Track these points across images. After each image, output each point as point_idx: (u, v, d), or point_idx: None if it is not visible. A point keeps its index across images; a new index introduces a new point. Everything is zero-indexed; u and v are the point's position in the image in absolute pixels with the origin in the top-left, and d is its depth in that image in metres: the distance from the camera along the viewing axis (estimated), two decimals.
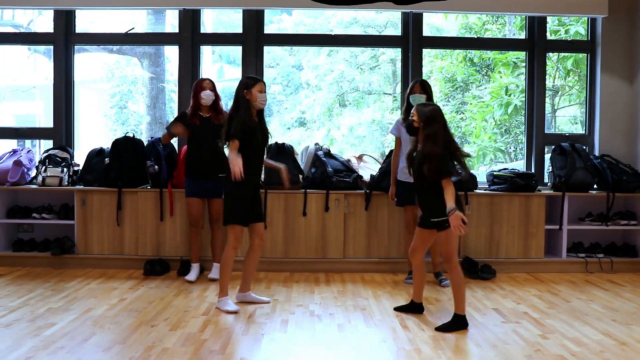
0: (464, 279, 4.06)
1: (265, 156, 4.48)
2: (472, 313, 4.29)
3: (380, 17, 9.86)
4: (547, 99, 6.67)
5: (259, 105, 4.26)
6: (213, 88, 5.19)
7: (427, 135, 3.87)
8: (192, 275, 5.24)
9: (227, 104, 6.17)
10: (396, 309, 4.34)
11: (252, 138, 4.19)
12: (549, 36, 6.77)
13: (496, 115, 8.36)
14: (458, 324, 3.89)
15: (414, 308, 4.29)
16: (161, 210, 5.58)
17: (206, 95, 5.11)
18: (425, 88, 5.04)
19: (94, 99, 9.30)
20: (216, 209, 5.26)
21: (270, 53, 10.28)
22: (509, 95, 8.41)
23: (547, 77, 6.53)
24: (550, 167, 6.05)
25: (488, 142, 8.83)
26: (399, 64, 6.71)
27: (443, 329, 3.87)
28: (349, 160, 6.03)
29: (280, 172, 4.56)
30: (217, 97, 5.19)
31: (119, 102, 9.34)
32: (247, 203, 4.28)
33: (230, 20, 8.54)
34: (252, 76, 4.44)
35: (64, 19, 6.25)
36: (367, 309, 4.38)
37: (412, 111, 4.03)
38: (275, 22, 10.46)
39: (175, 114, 5.91)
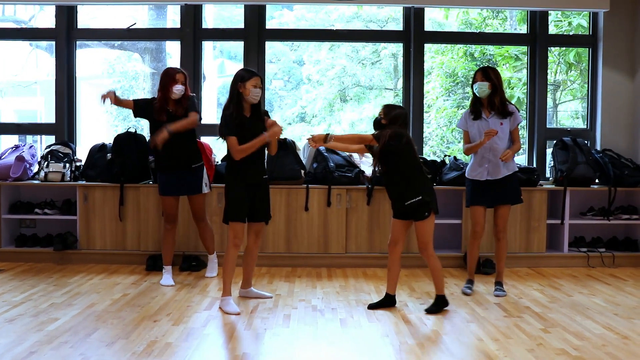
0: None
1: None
2: (474, 307, 4.30)
3: (382, 12, 9.84)
4: (548, 94, 6.66)
5: (252, 100, 4.17)
6: (185, 82, 4.84)
7: (391, 134, 4.07)
8: (168, 279, 4.93)
9: None
10: (370, 306, 4.28)
11: (242, 133, 4.13)
12: (551, 30, 6.76)
13: None
14: (442, 303, 4.23)
15: (388, 301, 4.30)
16: None
17: (178, 90, 4.76)
18: (488, 74, 4.56)
19: (95, 95, 9.29)
20: (198, 205, 5.04)
21: (272, 48, 10.26)
22: (512, 89, 8.35)
23: (548, 71, 6.52)
24: (552, 162, 6.05)
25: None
26: (400, 59, 6.71)
27: (431, 311, 4.16)
28: (350, 155, 6.02)
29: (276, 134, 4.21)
30: (186, 91, 4.84)
31: (121, 97, 9.33)
32: (244, 198, 4.19)
33: (231, 16, 8.53)
34: (249, 69, 4.33)
35: (66, 14, 6.26)
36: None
37: (380, 109, 4.25)
38: (277, 17, 10.43)
39: None
